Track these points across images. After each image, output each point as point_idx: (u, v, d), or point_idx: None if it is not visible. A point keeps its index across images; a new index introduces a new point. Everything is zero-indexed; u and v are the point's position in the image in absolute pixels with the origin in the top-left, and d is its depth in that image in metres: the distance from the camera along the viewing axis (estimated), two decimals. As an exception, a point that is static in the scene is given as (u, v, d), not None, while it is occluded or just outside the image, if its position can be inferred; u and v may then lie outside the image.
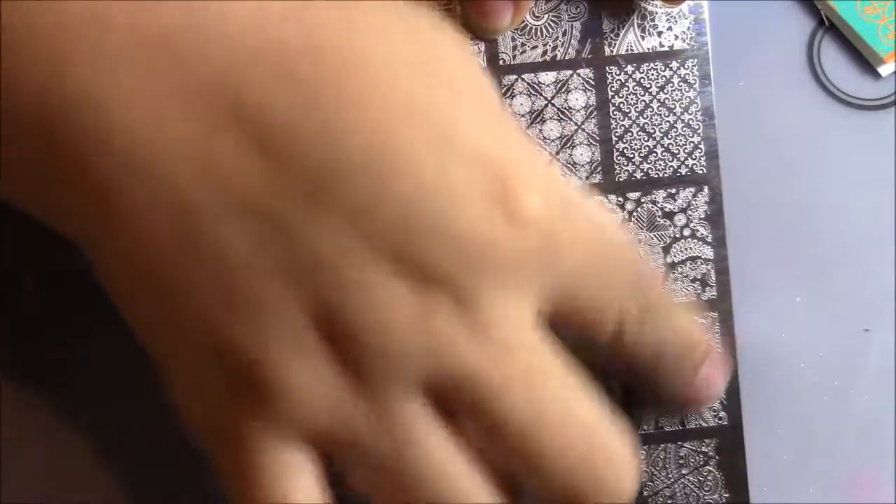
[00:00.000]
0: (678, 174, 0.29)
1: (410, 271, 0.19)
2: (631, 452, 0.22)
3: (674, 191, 0.29)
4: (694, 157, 0.29)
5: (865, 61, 0.30)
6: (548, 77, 0.29)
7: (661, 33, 0.29)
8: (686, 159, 0.29)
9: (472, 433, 0.20)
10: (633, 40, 0.29)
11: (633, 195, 0.29)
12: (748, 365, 0.29)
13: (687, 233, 0.29)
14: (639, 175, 0.29)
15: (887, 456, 0.30)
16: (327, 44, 0.19)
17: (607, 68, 0.29)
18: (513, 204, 0.19)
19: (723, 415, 0.29)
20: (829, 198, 0.30)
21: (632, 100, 0.29)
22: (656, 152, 0.29)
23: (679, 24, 0.29)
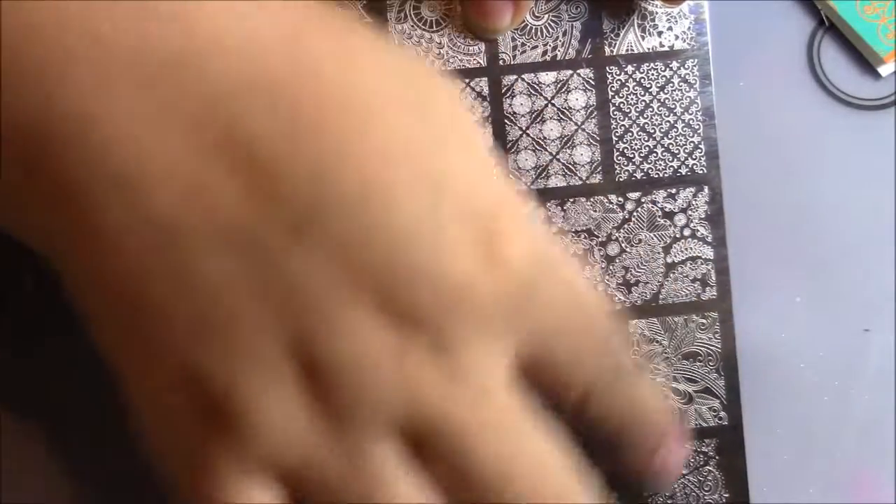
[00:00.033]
0: (678, 174, 0.29)
1: (391, 311, 0.19)
2: None
3: (674, 191, 0.29)
4: (694, 157, 0.29)
5: (865, 61, 0.30)
6: (548, 77, 0.29)
7: (661, 33, 0.29)
8: (686, 159, 0.29)
9: (443, 477, 0.20)
10: (634, 40, 0.29)
11: (633, 195, 0.29)
12: (748, 365, 0.29)
13: (687, 233, 0.29)
14: (639, 175, 0.29)
15: (887, 456, 0.30)
16: (323, 78, 0.19)
17: (607, 68, 0.29)
18: (497, 252, 0.19)
19: (723, 415, 0.29)
20: (829, 198, 0.30)
21: (632, 100, 0.29)
22: (656, 152, 0.29)
23: (679, 24, 0.29)
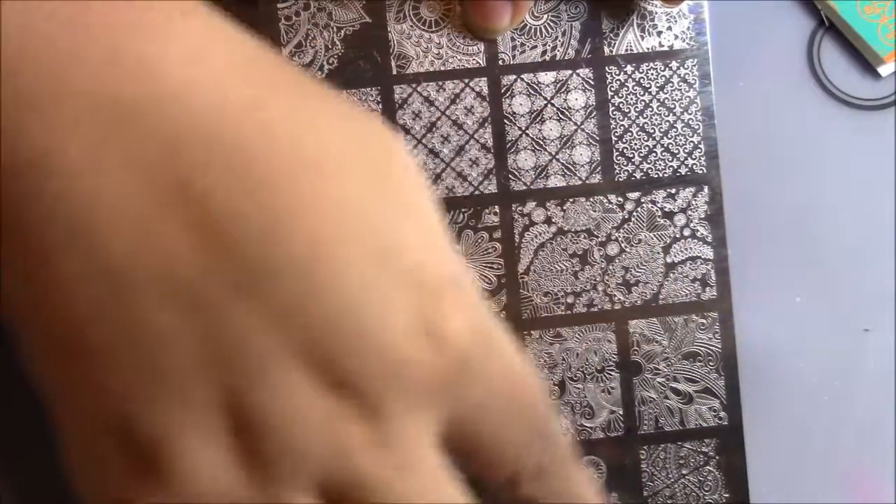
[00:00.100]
0: (678, 174, 0.29)
1: (326, 376, 0.19)
2: None
3: (674, 191, 0.29)
4: (694, 157, 0.29)
5: (865, 61, 0.30)
6: (547, 77, 0.29)
7: (660, 33, 0.29)
8: (686, 159, 0.29)
9: None
10: (633, 40, 0.29)
11: (632, 195, 0.29)
12: (748, 365, 0.29)
13: (687, 233, 0.29)
14: (639, 175, 0.29)
15: (887, 456, 0.30)
16: (281, 144, 0.19)
17: (607, 68, 0.29)
18: (438, 326, 0.20)
19: (723, 415, 0.29)
20: (829, 198, 0.30)
21: (631, 100, 0.29)
22: (656, 152, 0.29)
23: (679, 24, 0.29)
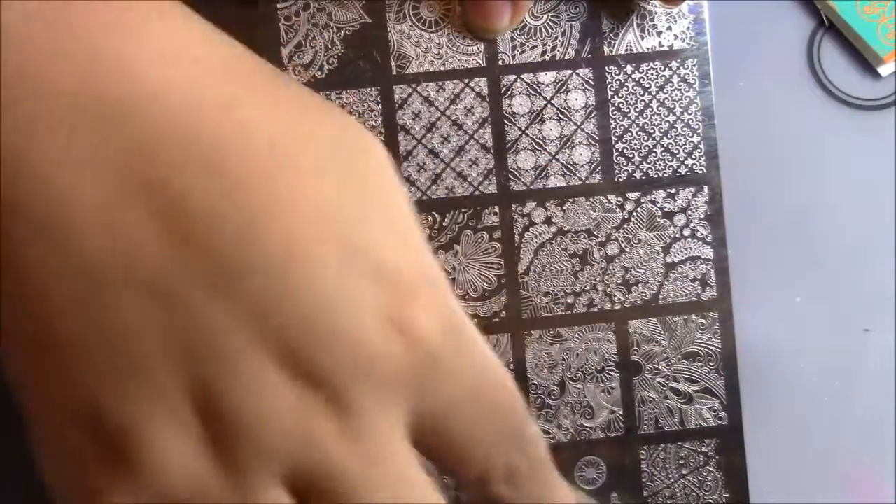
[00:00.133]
0: (678, 174, 0.29)
1: (296, 370, 0.19)
2: None
3: (674, 191, 0.29)
4: (694, 157, 0.29)
5: (865, 61, 0.30)
6: (547, 77, 0.29)
7: (660, 33, 0.29)
8: (686, 159, 0.29)
9: None
10: (633, 40, 0.29)
11: (632, 195, 0.29)
12: (748, 365, 0.29)
13: (687, 233, 0.29)
14: (638, 175, 0.29)
15: (887, 456, 0.30)
16: (258, 143, 0.19)
17: (607, 68, 0.29)
18: (408, 322, 0.20)
19: (723, 415, 0.29)
20: (828, 198, 0.30)
21: (631, 100, 0.29)
22: (656, 152, 0.29)
23: (679, 24, 0.29)
